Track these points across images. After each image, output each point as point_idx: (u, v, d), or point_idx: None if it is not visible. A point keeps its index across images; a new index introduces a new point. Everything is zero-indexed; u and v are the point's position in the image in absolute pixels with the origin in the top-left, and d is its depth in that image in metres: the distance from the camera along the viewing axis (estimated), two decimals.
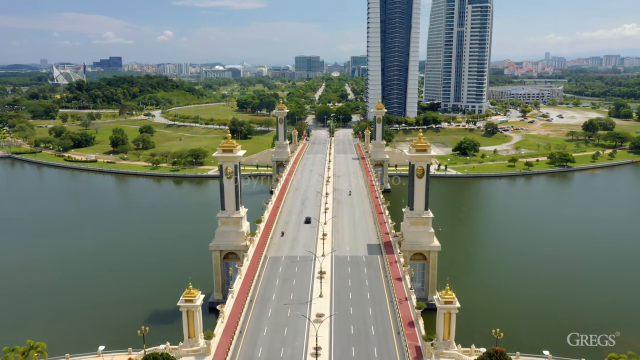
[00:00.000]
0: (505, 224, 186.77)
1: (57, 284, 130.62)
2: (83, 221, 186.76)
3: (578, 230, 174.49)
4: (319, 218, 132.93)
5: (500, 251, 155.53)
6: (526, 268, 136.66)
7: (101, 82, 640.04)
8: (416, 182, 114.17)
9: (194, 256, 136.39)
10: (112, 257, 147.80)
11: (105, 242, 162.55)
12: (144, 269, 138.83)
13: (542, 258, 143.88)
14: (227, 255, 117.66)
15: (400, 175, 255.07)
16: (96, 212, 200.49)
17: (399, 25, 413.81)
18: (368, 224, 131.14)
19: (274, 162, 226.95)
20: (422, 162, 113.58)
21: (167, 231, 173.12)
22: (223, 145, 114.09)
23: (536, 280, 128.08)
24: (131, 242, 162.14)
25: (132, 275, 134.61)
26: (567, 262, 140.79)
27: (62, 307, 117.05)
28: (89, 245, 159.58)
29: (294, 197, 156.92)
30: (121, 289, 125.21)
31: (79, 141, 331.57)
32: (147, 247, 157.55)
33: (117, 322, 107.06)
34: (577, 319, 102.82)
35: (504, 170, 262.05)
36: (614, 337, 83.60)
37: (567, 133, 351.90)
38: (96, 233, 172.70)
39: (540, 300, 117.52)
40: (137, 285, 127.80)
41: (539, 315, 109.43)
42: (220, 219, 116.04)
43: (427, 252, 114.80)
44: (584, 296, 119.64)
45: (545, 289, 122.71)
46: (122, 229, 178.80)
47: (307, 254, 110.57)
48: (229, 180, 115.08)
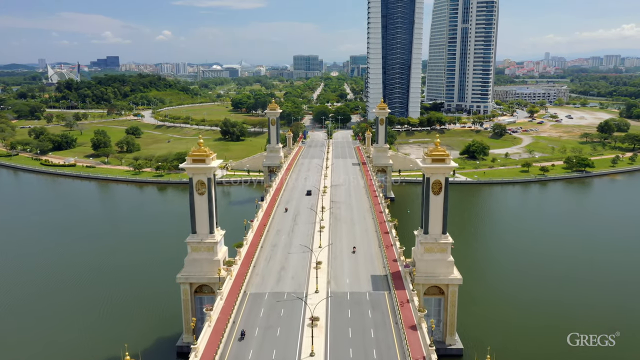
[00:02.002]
0: (523, 239, 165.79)
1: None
2: (41, 234, 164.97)
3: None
4: (312, 240, 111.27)
5: (521, 273, 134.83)
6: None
7: (91, 82, 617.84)
8: (432, 199, 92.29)
9: (166, 283, 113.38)
10: (59, 284, 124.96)
11: (56, 261, 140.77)
12: (96, 306, 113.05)
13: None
14: (199, 289, 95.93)
15: (405, 181, 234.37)
16: (60, 223, 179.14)
17: (401, 20, 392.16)
18: (372, 247, 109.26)
19: (265, 168, 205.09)
20: (440, 175, 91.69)
21: (138, 250, 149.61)
22: (193, 154, 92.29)
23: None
24: (90, 263, 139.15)
25: (78, 315, 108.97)
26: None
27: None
28: (33, 266, 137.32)
29: (285, 213, 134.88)
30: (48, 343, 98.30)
31: (59, 143, 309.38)
32: (108, 271, 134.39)
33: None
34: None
35: (518, 176, 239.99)
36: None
37: (581, 135, 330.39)
38: (49, 249, 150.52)
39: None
40: (79, 329, 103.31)
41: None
42: (191, 244, 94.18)
43: (445, 285, 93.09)
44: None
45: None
46: (82, 246, 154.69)
47: (297, 288, 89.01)
48: (201, 196, 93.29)
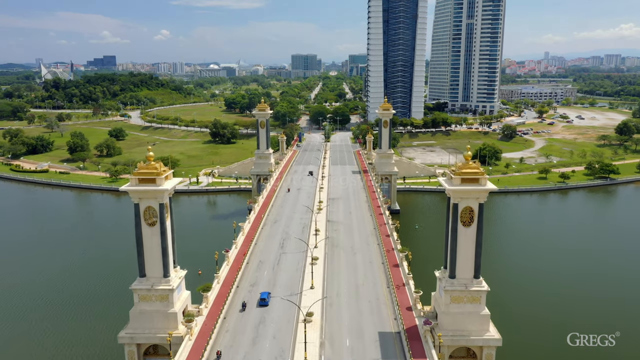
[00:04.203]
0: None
1: None
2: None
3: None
4: (303, 276, 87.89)
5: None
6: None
7: (79, 80, 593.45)
8: (460, 232, 68.75)
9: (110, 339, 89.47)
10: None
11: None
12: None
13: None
14: (150, 350, 72.44)
15: (410, 190, 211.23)
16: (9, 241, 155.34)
17: (404, 14, 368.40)
18: (378, 287, 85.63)
19: (253, 177, 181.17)
20: (472, 201, 68.17)
21: (88, 280, 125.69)
22: (141, 172, 68.55)
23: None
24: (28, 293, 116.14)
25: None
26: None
27: None
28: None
29: (270, 236, 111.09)
30: None
31: (33, 147, 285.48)
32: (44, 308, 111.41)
33: None
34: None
35: (536, 184, 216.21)
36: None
37: (598, 137, 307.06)
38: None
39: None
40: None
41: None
42: (138, 292, 70.54)
43: (478, 348, 69.66)
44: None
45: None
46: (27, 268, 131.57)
47: (279, 354, 65.72)
48: (151, 228, 69.58)
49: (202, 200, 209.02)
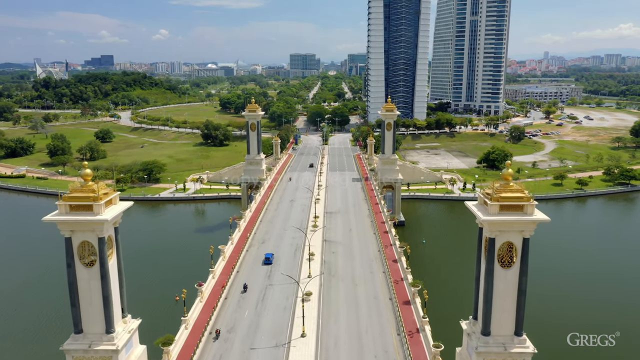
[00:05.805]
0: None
1: None
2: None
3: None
4: (292, 320, 71.07)
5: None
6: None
7: (70, 80, 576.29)
8: (498, 275, 51.91)
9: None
10: None
11: None
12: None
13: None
14: None
15: (415, 197, 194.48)
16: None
17: (406, 10, 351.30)
18: (386, 334, 68.52)
19: (243, 186, 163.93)
20: (515, 235, 51.41)
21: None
22: (72, 196, 51.52)
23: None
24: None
25: None
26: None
27: None
28: None
29: (256, 261, 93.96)
30: None
31: (12, 149, 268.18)
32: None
33: None
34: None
35: (551, 191, 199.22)
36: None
37: (612, 139, 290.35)
38: None
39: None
40: None
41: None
42: (72, 353, 53.40)
43: None
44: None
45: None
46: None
47: None
48: (89, 269, 52.64)
49: (188, 209, 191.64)
